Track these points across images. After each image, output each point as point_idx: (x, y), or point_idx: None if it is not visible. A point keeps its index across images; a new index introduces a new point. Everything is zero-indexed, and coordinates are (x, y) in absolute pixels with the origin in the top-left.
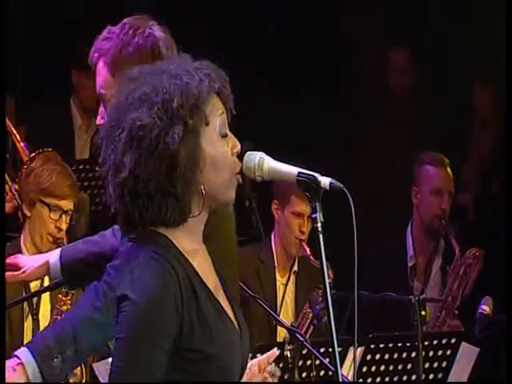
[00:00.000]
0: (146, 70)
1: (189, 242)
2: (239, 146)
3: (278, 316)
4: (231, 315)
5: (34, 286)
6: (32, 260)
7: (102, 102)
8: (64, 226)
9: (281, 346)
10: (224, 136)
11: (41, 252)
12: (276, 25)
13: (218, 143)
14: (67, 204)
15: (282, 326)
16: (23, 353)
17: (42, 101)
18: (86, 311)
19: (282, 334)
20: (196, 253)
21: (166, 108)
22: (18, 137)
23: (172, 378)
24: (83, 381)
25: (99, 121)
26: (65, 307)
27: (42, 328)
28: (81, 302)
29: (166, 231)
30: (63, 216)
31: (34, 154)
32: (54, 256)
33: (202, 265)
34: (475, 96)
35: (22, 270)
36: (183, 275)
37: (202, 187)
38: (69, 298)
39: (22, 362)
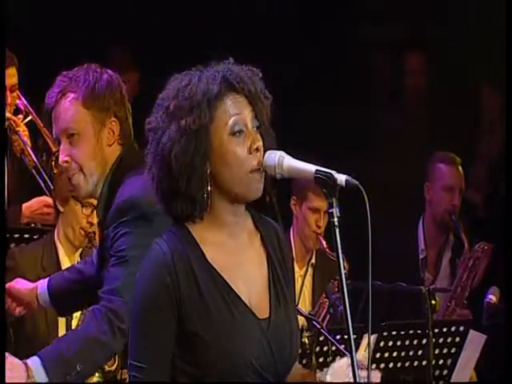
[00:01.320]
0: (177, 76)
1: (215, 233)
2: (259, 143)
3: (297, 305)
4: (256, 306)
5: None
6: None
7: (65, 139)
8: (95, 221)
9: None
10: (236, 133)
11: (74, 245)
12: (295, 31)
13: (227, 141)
14: None
15: (301, 314)
16: (35, 364)
17: None
18: (92, 332)
19: (300, 321)
20: (220, 244)
21: (166, 111)
22: (42, 125)
23: (178, 372)
24: (115, 364)
25: (63, 158)
26: None
27: (75, 318)
28: (86, 324)
29: (190, 223)
30: (95, 211)
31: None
32: (42, 286)
33: (225, 255)
34: (484, 98)
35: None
36: (182, 257)
37: (213, 183)
38: None
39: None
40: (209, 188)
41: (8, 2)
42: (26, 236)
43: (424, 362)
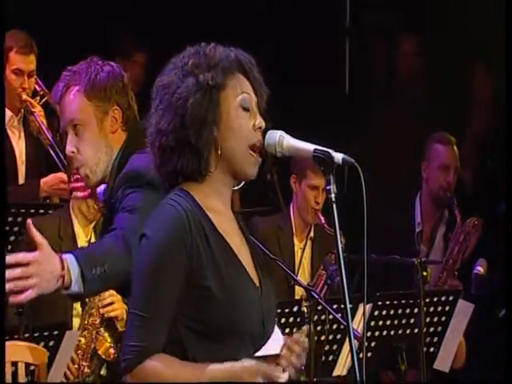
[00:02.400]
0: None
1: (213, 200)
2: (262, 123)
3: (296, 276)
4: (252, 274)
5: (82, 244)
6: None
7: (71, 130)
8: None
9: (298, 302)
10: (246, 109)
11: (88, 219)
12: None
13: (236, 111)
14: None
15: (300, 285)
16: (69, 257)
17: None
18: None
19: (299, 292)
20: (219, 212)
21: (182, 68)
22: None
23: (183, 328)
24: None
25: (70, 148)
26: None
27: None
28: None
29: (189, 187)
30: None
31: None
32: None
33: (225, 224)
34: (475, 80)
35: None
36: (195, 219)
37: (220, 148)
38: None
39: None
40: (219, 152)
41: None
42: (42, 211)
43: (416, 330)
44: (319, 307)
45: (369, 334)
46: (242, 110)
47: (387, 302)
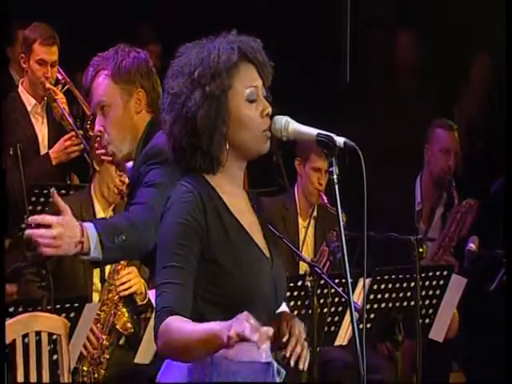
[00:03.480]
0: (189, 45)
1: (227, 184)
2: (269, 109)
3: (301, 253)
4: (264, 248)
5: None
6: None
7: (99, 111)
8: (127, 180)
9: (302, 277)
10: (252, 101)
11: (108, 201)
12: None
13: (243, 106)
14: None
15: (304, 261)
16: (88, 225)
17: None
18: (132, 218)
19: (303, 267)
20: (232, 193)
21: (190, 78)
22: (78, 93)
23: (201, 300)
24: (145, 301)
25: (98, 128)
26: None
27: (109, 266)
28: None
29: (205, 174)
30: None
31: None
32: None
33: (237, 204)
34: (472, 69)
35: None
36: (208, 199)
37: (228, 142)
38: None
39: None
40: (227, 146)
41: None
42: (63, 192)
43: (412, 303)
44: (322, 281)
45: (368, 306)
46: (248, 101)
47: (385, 277)
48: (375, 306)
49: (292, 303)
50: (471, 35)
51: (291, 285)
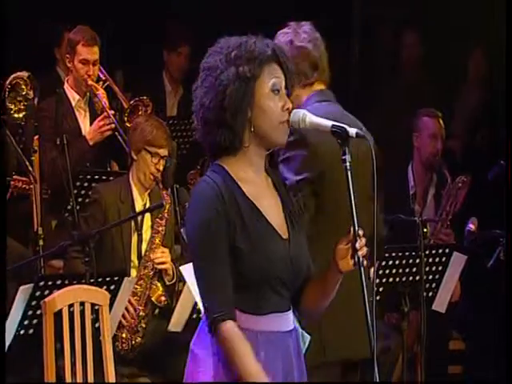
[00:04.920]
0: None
1: (245, 171)
2: (289, 105)
3: None
4: (280, 229)
5: (139, 208)
6: None
7: None
8: (161, 168)
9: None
10: (275, 92)
11: (144, 186)
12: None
13: (267, 95)
14: (164, 151)
15: None
16: None
17: (142, 74)
18: None
19: None
20: (249, 180)
21: (226, 57)
22: (117, 89)
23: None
24: (173, 281)
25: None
26: (160, 228)
27: (144, 241)
28: None
29: (223, 162)
30: (161, 160)
31: (132, 102)
32: None
33: (255, 189)
34: (471, 63)
35: None
36: (228, 192)
37: (253, 126)
38: (163, 221)
39: None
40: (251, 129)
41: None
42: (104, 177)
43: (417, 277)
44: None
45: (377, 280)
46: (272, 93)
47: (393, 254)
48: (384, 280)
49: None
50: (469, 34)
51: None
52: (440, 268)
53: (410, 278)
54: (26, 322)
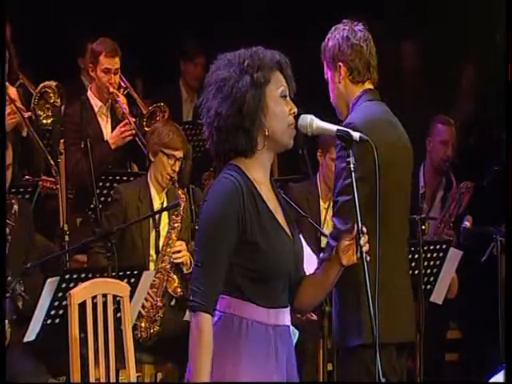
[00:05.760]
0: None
1: (257, 172)
2: (295, 109)
3: (322, 229)
4: (286, 229)
5: (157, 207)
6: None
7: None
8: (177, 169)
9: (323, 250)
10: (284, 97)
11: (161, 186)
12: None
13: (278, 100)
14: (180, 153)
15: (325, 236)
16: None
17: (160, 82)
18: None
19: (323, 241)
20: (262, 182)
21: (239, 67)
22: (137, 96)
23: (239, 275)
24: (190, 269)
25: None
26: (176, 224)
27: (162, 237)
28: None
29: (239, 163)
30: (177, 162)
31: (150, 108)
32: None
33: (266, 191)
34: (463, 74)
35: None
36: (247, 191)
37: (266, 130)
38: (179, 218)
39: None
40: (266, 133)
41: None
42: (124, 178)
43: (416, 271)
44: None
45: None
46: (281, 98)
47: None
48: None
49: None
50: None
51: None
52: (437, 263)
53: (410, 272)
54: (52, 312)
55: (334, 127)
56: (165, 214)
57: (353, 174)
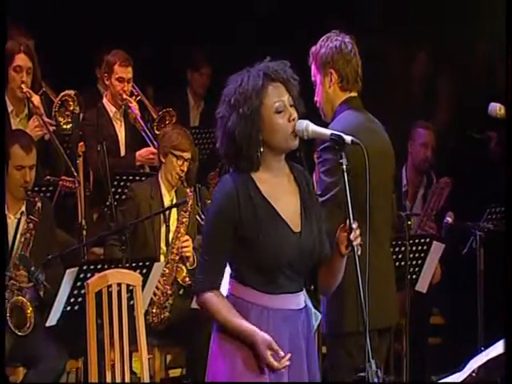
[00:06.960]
0: (232, 77)
1: (266, 175)
2: (294, 115)
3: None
4: (293, 223)
5: (167, 204)
6: None
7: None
8: (185, 169)
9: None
10: (280, 112)
11: (171, 184)
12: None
13: (274, 117)
14: (188, 155)
15: None
16: None
17: (169, 90)
18: None
19: None
20: (267, 181)
21: (228, 105)
22: (148, 103)
23: (241, 265)
24: (194, 265)
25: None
26: (184, 219)
27: (171, 232)
28: None
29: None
30: (185, 162)
31: (160, 113)
32: None
33: (272, 189)
34: (439, 87)
35: None
36: (243, 188)
37: (264, 145)
38: (187, 213)
39: None
40: (261, 149)
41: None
42: (138, 178)
43: (403, 263)
44: None
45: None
46: (277, 113)
47: None
48: None
49: None
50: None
51: None
52: (422, 255)
53: (397, 263)
54: (71, 300)
55: (327, 131)
56: (174, 211)
57: (345, 174)
